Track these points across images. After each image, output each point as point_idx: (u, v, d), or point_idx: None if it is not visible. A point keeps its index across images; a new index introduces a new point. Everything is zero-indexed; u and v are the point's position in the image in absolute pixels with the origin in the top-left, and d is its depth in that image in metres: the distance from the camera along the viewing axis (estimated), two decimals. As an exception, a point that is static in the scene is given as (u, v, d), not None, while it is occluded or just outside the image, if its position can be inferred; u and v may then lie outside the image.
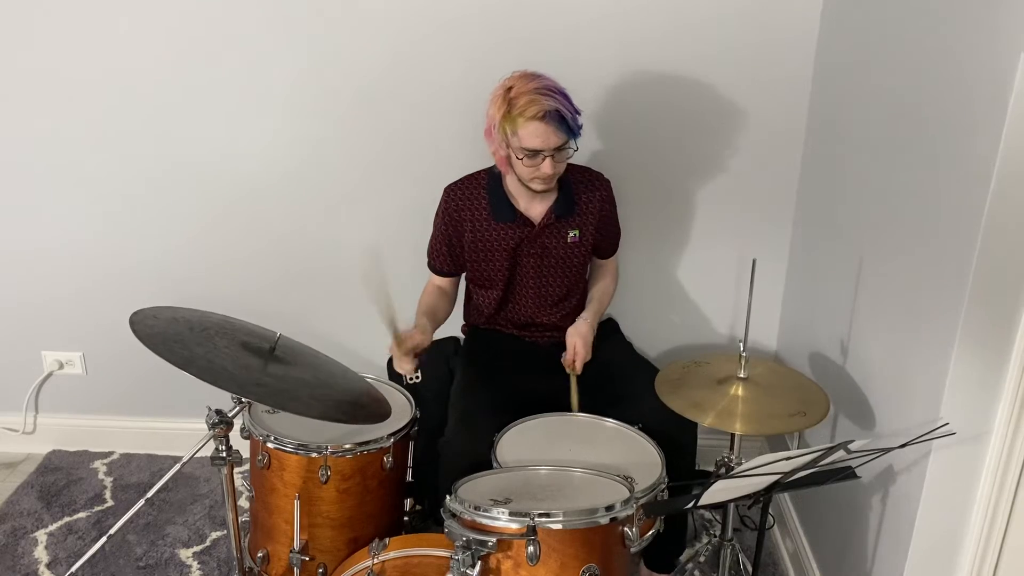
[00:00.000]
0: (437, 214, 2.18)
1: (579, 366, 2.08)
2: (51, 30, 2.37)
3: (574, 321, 2.18)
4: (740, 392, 1.79)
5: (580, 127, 1.97)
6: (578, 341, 2.09)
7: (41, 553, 2.37)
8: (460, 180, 2.16)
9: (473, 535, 1.55)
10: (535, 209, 2.12)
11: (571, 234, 2.14)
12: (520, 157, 1.94)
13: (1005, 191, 1.34)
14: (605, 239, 2.26)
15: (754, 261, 1.82)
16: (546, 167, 1.94)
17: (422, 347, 2.05)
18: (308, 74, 2.39)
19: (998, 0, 1.34)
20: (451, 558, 1.55)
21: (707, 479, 1.51)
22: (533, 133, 1.90)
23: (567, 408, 2.07)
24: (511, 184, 2.10)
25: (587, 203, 2.15)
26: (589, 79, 2.32)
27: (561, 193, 2.11)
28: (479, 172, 2.15)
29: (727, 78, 2.32)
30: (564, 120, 1.90)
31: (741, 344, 1.81)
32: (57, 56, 2.39)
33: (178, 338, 1.63)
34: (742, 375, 1.82)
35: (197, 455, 1.72)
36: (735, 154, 2.41)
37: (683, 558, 2.19)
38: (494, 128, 1.96)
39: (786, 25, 2.25)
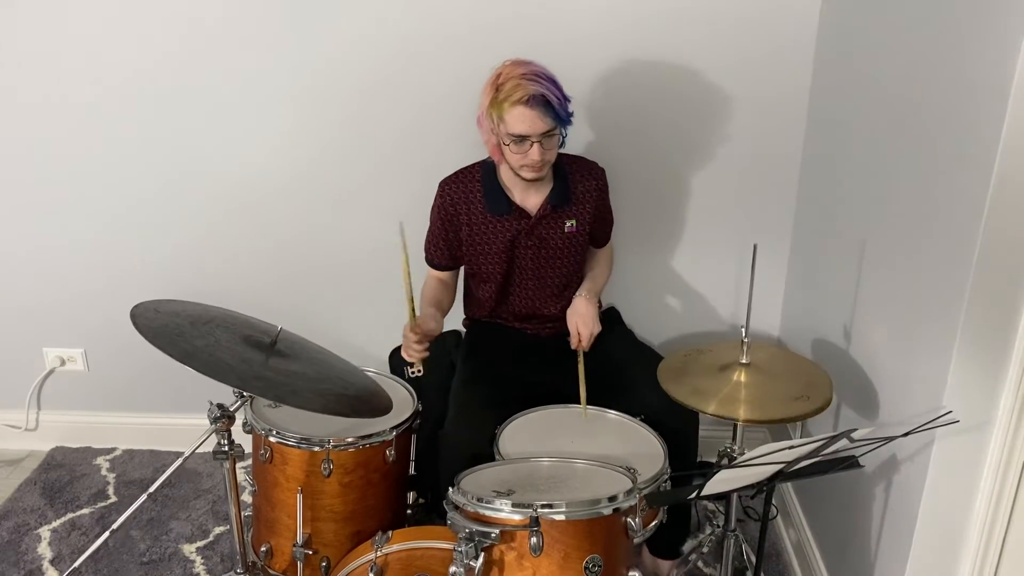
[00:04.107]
0: (433, 209, 2.18)
1: (586, 343, 2.05)
2: (57, 29, 2.36)
3: None
4: (743, 378, 1.79)
5: (570, 114, 1.96)
6: (578, 320, 2.07)
7: (45, 549, 2.37)
8: (454, 174, 2.15)
9: (476, 527, 1.55)
10: (531, 200, 2.11)
11: (568, 224, 2.14)
12: (507, 143, 1.94)
13: (1008, 174, 1.33)
14: (601, 228, 2.26)
15: (755, 247, 1.82)
16: (534, 153, 1.93)
17: (435, 334, 2.05)
18: (313, 78, 2.38)
19: (999, -15, 1.33)
20: (454, 550, 1.55)
21: (710, 469, 1.51)
22: (519, 118, 1.89)
23: (569, 399, 2.06)
24: (505, 175, 2.09)
25: (583, 192, 2.15)
26: (590, 71, 2.31)
27: (556, 183, 2.11)
28: (473, 165, 2.15)
29: (728, 67, 2.31)
30: (550, 105, 1.89)
31: (743, 330, 1.80)
32: (62, 55, 2.39)
33: (179, 332, 1.63)
34: (744, 361, 1.81)
35: (199, 450, 1.72)
36: (736, 141, 2.40)
37: (686, 549, 2.20)
38: (484, 115, 1.95)
39: (786, 16, 2.24)
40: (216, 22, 2.33)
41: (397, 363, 2.22)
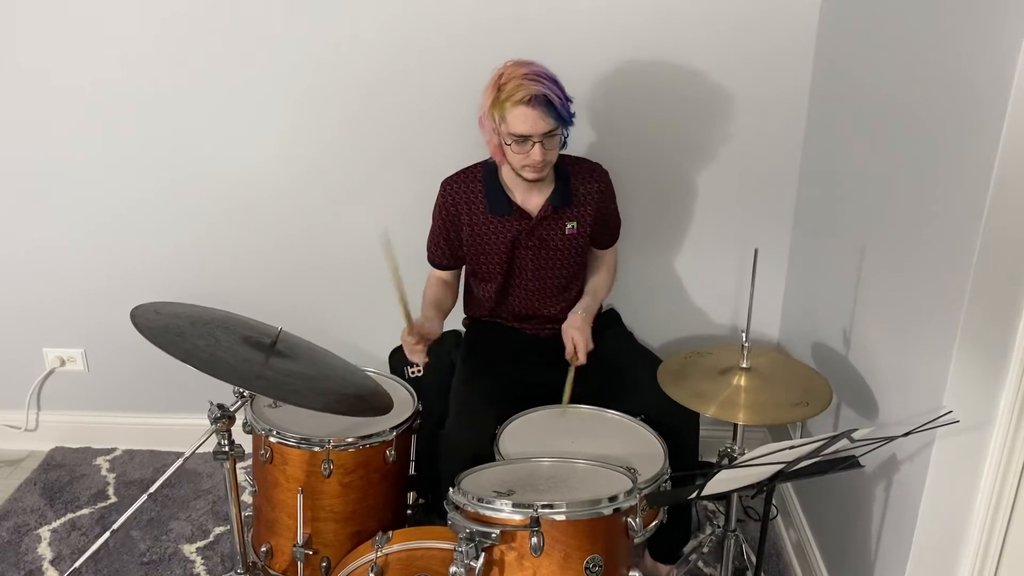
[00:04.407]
0: (435, 208, 2.18)
1: (582, 356, 2.05)
2: (57, 29, 2.36)
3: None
4: (743, 382, 1.79)
5: (572, 115, 1.96)
6: (575, 334, 2.07)
7: (45, 550, 2.37)
8: (456, 174, 2.15)
9: (476, 527, 1.55)
10: (532, 201, 2.11)
11: (569, 226, 2.14)
12: (509, 143, 1.94)
13: (1007, 175, 1.33)
14: (604, 230, 2.25)
15: (756, 251, 1.82)
16: (535, 153, 1.93)
17: (433, 336, 2.05)
18: (313, 78, 2.38)
19: (999, -13, 1.33)
20: (455, 550, 1.55)
21: (710, 469, 1.51)
22: (520, 118, 1.89)
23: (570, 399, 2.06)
24: (507, 176, 2.09)
25: (585, 194, 2.14)
26: (590, 71, 2.31)
27: (558, 184, 2.10)
28: (475, 165, 2.15)
29: (727, 67, 2.31)
30: (552, 105, 1.89)
31: (743, 334, 1.81)
32: (61, 55, 2.39)
33: (179, 332, 1.63)
34: (744, 365, 1.82)
35: (199, 450, 1.72)
36: (736, 145, 2.40)
37: (687, 549, 2.20)
38: (486, 115, 1.96)
39: (786, 17, 2.24)
40: (216, 22, 2.33)
41: (397, 363, 2.22)
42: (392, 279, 1.85)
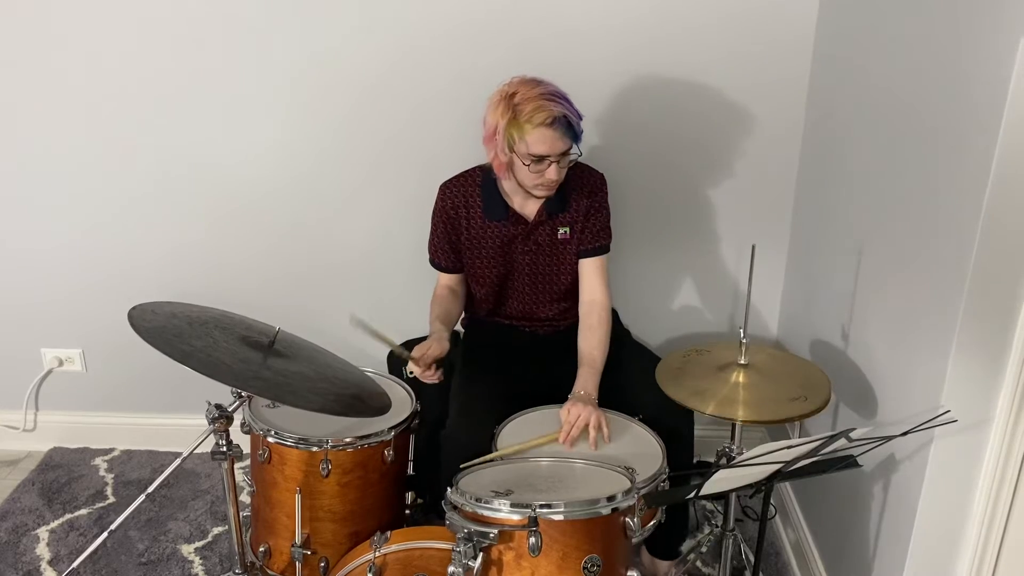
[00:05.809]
0: (434, 212, 2.17)
1: (573, 436, 1.90)
2: (56, 30, 2.35)
3: (571, 317, 2.19)
4: (741, 379, 1.79)
5: (582, 131, 1.96)
6: (591, 416, 1.90)
7: (43, 550, 2.37)
8: (455, 177, 2.15)
9: (475, 527, 1.55)
10: (529, 207, 2.11)
11: (561, 231, 2.13)
12: (526, 163, 1.93)
13: (1006, 173, 1.33)
14: (590, 234, 2.13)
15: (753, 247, 1.81)
16: (551, 173, 1.93)
17: (441, 356, 2.03)
18: (310, 77, 2.38)
19: (997, -16, 1.33)
20: (453, 550, 1.55)
21: (708, 469, 1.51)
22: (540, 139, 1.88)
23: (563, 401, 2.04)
24: (507, 183, 2.09)
25: (577, 200, 2.13)
26: (587, 75, 2.30)
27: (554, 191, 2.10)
28: (473, 169, 2.14)
29: (726, 70, 2.31)
30: (571, 126, 1.90)
31: (741, 331, 1.81)
32: (61, 56, 2.38)
33: (177, 332, 1.62)
34: (743, 362, 1.82)
35: (197, 450, 1.72)
36: (734, 142, 2.40)
37: (685, 549, 2.20)
38: (497, 134, 1.93)
39: (784, 14, 2.24)
40: (215, 21, 2.33)
41: (396, 363, 2.22)
42: (384, 342, 1.96)
